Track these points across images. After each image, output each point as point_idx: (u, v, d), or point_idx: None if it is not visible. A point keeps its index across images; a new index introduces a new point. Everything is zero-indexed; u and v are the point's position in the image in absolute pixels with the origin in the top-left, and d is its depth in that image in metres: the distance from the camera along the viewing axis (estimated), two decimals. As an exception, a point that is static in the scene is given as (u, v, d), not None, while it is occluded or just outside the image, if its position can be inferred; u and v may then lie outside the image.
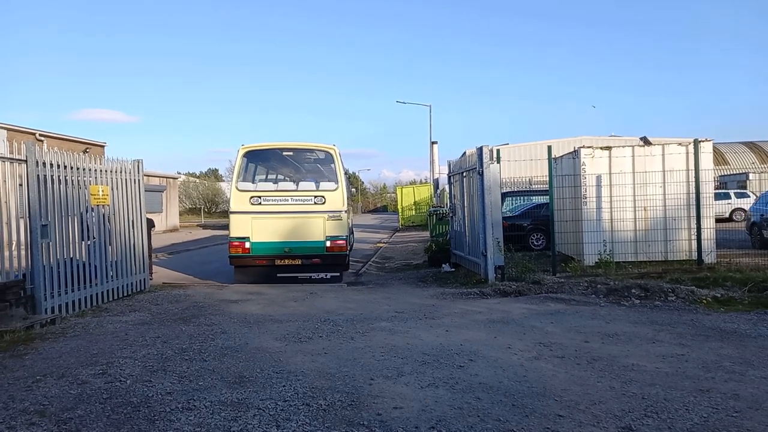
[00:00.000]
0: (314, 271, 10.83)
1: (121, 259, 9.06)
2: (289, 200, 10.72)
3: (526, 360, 5.02)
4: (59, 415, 3.84)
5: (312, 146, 11.52)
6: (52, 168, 7.50)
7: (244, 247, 10.49)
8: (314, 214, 10.69)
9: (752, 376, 4.45)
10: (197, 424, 3.65)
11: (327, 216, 10.67)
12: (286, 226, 10.64)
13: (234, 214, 10.67)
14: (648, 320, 6.59)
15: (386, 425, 3.56)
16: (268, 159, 12.01)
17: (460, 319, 6.89)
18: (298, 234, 10.62)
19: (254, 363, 5.05)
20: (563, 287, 8.73)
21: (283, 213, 10.66)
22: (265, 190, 10.96)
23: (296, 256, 10.61)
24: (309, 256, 10.62)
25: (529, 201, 17.49)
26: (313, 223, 10.67)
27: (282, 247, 10.58)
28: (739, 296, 7.61)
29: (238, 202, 10.67)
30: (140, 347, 5.71)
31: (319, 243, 10.66)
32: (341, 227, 10.79)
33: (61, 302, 7.45)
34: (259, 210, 10.60)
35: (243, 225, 10.55)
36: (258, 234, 10.54)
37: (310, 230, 10.63)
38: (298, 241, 10.60)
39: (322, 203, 10.72)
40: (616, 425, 3.50)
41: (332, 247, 10.70)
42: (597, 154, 10.84)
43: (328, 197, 10.76)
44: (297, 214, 10.69)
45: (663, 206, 10.65)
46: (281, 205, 10.69)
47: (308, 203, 10.73)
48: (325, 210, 10.71)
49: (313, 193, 10.79)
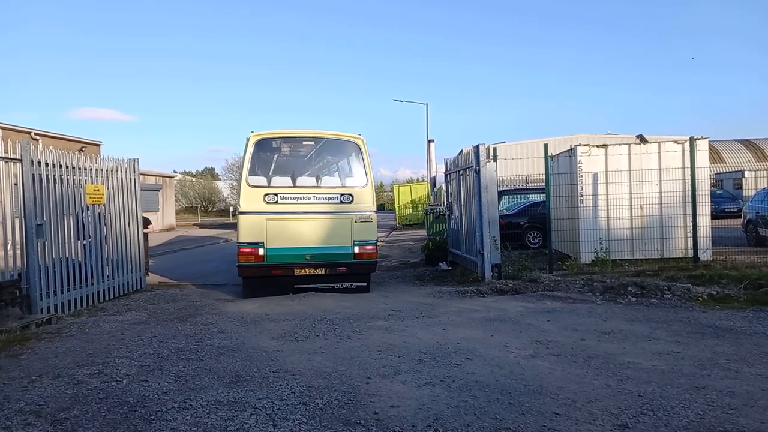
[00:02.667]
0: (338, 282, 9.31)
1: (116, 259, 9.04)
2: (311, 198, 9.14)
3: (523, 358, 5.03)
4: (55, 416, 3.83)
5: (337, 135, 9.77)
6: (48, 167, 7.47)
7: (257, 254, 8.81)
8: (340, 214, 9.18)
9: (747, 373, 4.46)
10: (194, 423, 3.64)
11: (355, 217, 9.18)
12: (307, 229, 9.08)
13: (244, 214, 8.94)
14: (644, 318, 6.61)
15: (383, 424, 3.56)
16: (285, 149, 10.25)
17: (457, 317, 6.89)
18: (322, 238, 9.09)
19: (251, 362, 5.04)
20: (560, 285, 8.75)
21: (303, 213, 9.07)
22: (282, 186, 9.18)
23: (319, 264, 9.03)
24: (334, 265, 9.07)
25: (525, 199, 17.50)
26: (339, 225, 9.15)
27: (302, 255, 8.97)
28: (734, 294, 7.64)
29: (250, 201, 8.96)
30: (136, 347, 5.70)
31: (346, 249, 9.13)
32: (371, 230, 9.32)
33: (57, 302, 7.42)
34: (276, 210, 8.95)
35: (255, 228, 8.87)
36: (274, 239, 8.87)
37: (336, 234, 9.11)
38: (321, 247, 9.05)
39: (349, 202, 9.23)
40: (613, 423, 3.51)
41: (361, 254, 9.16)
42: (593, 152, 10.85)
43: (356, 195, 9.28)
44: (320, 215, 9.14)
45: (659, 204, 10.67)
46: (302, 204, 9.09)
47: (333, 202, 9.20)
48: (353, 210, 9.21)
49: (339, 191, 9.30)
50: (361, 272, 9.35)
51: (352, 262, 9.14)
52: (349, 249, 9.12)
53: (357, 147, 9.59)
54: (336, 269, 9.10)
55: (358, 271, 9.30)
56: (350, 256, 9.12)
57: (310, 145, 9.92)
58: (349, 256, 9.12)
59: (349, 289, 9.31)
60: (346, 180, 9.66)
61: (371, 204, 9.39)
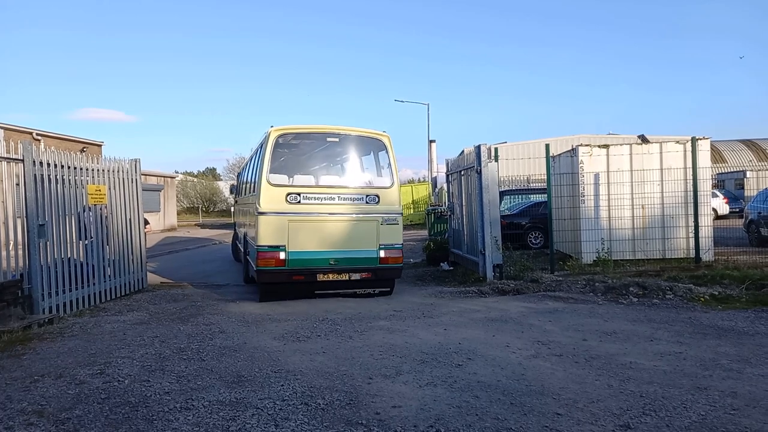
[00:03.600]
0: (361, 287, 8.94)
1: (118, 259, 9.05)
2: (336, 199, 8.63)
3: (525, 358, 5.02)
4: (57, 416, 3.83)
5: (362, 132, 9.31)
6: (49, 167, 7.48)
7: (278, 258, 8.25)
8: (366, 216, 8.69)
9: (750, 373, 4.45)
10: (195, 423, 3.65)
11: (382, 219, 8.71)
12: (331, 231, 8.58)
13: (265, 215, 8.33)
14: (646, 318, 6.60)
15: (385, 424, 3.56)
16: (307, 146, 9.71)
17: (459, 317, 6.89)
18: (346, 242, 8.59)
19: (252, 362, 5.04)
20: (561, 285, 8.74)
21: (328, 215, 8.56)
22: (305, 185, 8.63)
23: (343, 269, 8.51)
24: (358, 270, 8.59)
25: (527, 199, 17.50)
26: (364, 227, 8.67)
27: (326, 259, 8.45)
28: (736, 294, 7.63)
29: (270, 200, 8.38)
30: (138, 347, 5.70)
31: (371, 253, 8.65)
32: (397, 233, 8.88)
33: (59, 302, 7.44)
34: (298, 211, 8.40)
35: (277, 230, 8.30)
36: (296, 242, 8.33)
37: (361, 237, 8.64)
38: (345, 251, 8.54)
39: (375, 203, 8.76)
40: (615, 423, 3.51)
41: (387, 258, 8.70)
42: (595, 153, 10.84)
43: (382, 196, 8.83)
44: (345, 217, 8.65)
45: (661, 204, 10.66)
46: (325, 205, 8.56)
47: (359, 203, 8.72)
48: (379, 211, 8.74)
49: (365, 191, 8.81)
50: (386, 278, 8.93)
51: (378, 267, 8.70)
52: (374, 253, 8.66)
53: (382, 145, 9.23)
54: (360, 274, 8.62)
55: (384, 277, 8.87)
56: (375, 260, 8.68)
57: (333, 141, 9.34)
58: (374, 261, 8.67)
59: (372, 294, 8.94)
60: (372, 180, 9.25)
61: (397, 205, 9.02)
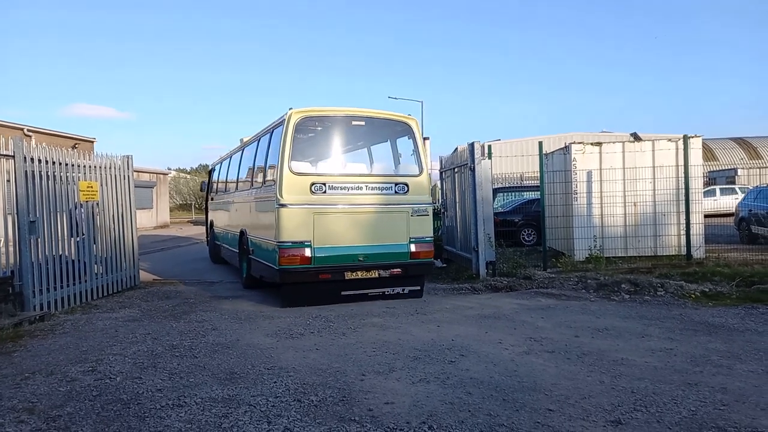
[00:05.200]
0: (391, 286, 8.13)
1: (110, 256, 9.00)
2: (363, 188, 7.86)
3: (517, 355, 5.04)
4: (48, 413, 3.81)
5: (389, 116, 8.58)
6: (41, 164, 7.42)
7: (303, 255, 7.44)
8: (396, 207, 8.00)
9: (740, 369, 4.49)
10: (188, 420, 3.64)
11: (411, 210, 8.04)
12: (359, 224, 7.84)
13: (286, 208, 7.45)
14: (637, 315, 6.64)
15: (377, 420, 3.57)
16: (330, 130, 8.64)
17: (452, 314, 6.91)
18: (375, 235, 7.86)
19: (245, 359, 5.03)
20: (554, 282, 8.78)
21: (355, 206, 7.80)
22: (330, 173, 7.84)
23: (372, 266, 7.80)
24: (388, 266, 7.88)
25: (520, 197, 17.56)
26: (394, 219, 7.98)
27: (355, 255, 7.71)
28: (727, 291, 7.68)
29: (293, 191, 7.50)
30: (130, 344, 5.68)
31: (402, 247, 7.97)
32: (428, 225, 8.24)
33: (50, 299, 7.39)
34: (324, 202, 7.62)
35: (301, 224, 7.48)
36: (322, 237, 7.55)
37: (391, 230, 7.95)
38: (375, 246, 7.83)
39: (404, 192, 8.06)
40: (606, 419, 3.53)
41: (418, 253, 8.03)
42: (588, 150, 10.89)
43: (411, 185, 8.13)
44: (374, 208, 7.91)
45: (653, 202, 10.73)
46: (353, 195, 7.79)
47: (387, 192, 7.99)
48: (408, 202, 8.05)
49: (393, 180, 8.09)
50: (417, 274, 8.26)
51: (409, 263, 8.01)
52: (405, 247, 7.99)
53: (409, 129, 8.49)
54: (390, 271, 7.91)
55: (415, 273, 8.19)
56: (406, 255, 7.99)
57: (359, 125, 8.53)
58: (405, 256, 7.99)
59: (401, 294, 8.17)
60: (399, 168, 8.55)
61: (427, 195, 8.37)
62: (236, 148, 11.63)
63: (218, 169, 13.80)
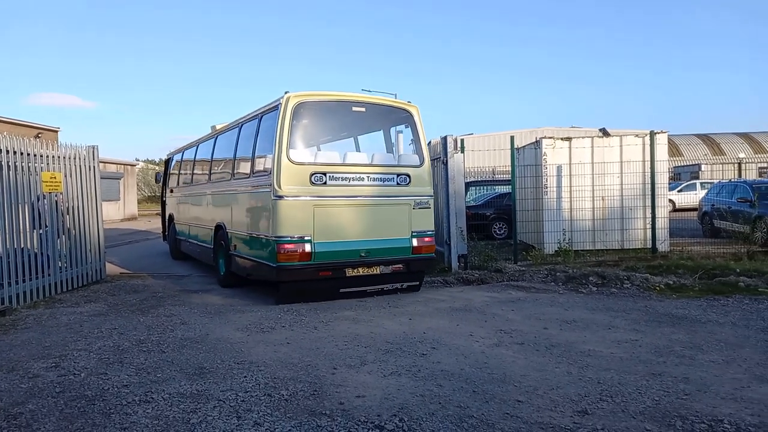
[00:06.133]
0: (391, 282, 7.80)
1: (75, 248, 8.77)
2: (365, 179, 7.48)
3: (487, 347, 5.09)
4: (9, 410, 3.70)
5: (389, 102, 8.22)
6: (1, 153, 7.17)
7: (303, 251, 6.97)
8: (398, 199, 7.66)
9: (701, 360, 4.63)
10: (155, 416, 3.57)
11: (413, 203, 7.73)
12: (361, 217, 7.47)
13: (284, 200, 6.97)
14: (604, 307, 6.78)
15: (348, 414, 3.56)
16: (329, 117, 8.26)
17: (424, 307, 6.94)
18: (377, 229, 7.50)
19: (215, 354, 4.97)
20: (524, 275, 8.89)
21: (356, 198, 7.41)
22: (330, 163, 7.37)
23: (373, 262, 7.43)
24: (390, 262, 7.55)
25: (492, 190, 17.69)
26: (395, 212, 7.65)
27: (357, 251, 7.32)
28: (690, 283, 7.90)
29: (292, 181, 7.01)
30: (95, 339, 5.55)
31: (404, 242, 7.64)
32: (429, 219, 7.93)
33: (12, 293, 7.16)
34: (324, 194, 7.19)
35: (300, 217, 7.01)
36: (323, 231, 7.11)
37: (393, 224, 7.61)
38: (377, 240, 7.46)
39: (405, 184, 7.73)
40: (573, 409, 3.59)
41: (420, 248, 7.74)
42: (558, 145, 11.03)
43: (413, 176, 7.81)
44: (375, 200, 7.54)
45: (620, 196, 10.93)
46: (354, 187, 7.39)
47: (389, 184, 7.64)
48: (410, 194, 7.74)
49: (395, 170, 7.73)
50: (418, 270, 7.98)
51: (411, 258, 7.71)
52: (407, 242, 7.66)
53: (410, 117, 8.08)
54: (391, 266, 7.58)
55: (416, 269, 7.90)
56: (408, 250, 7.67)
57: (359, 112, 7.99)
58: (407, 251, 7.66)
59: (400, 289, 7.91)
60: (401, 157, 8.13)
61: (429, 187, 8.04)
62: (206, 135, 11.00)
63: (180, 159, 13.04)
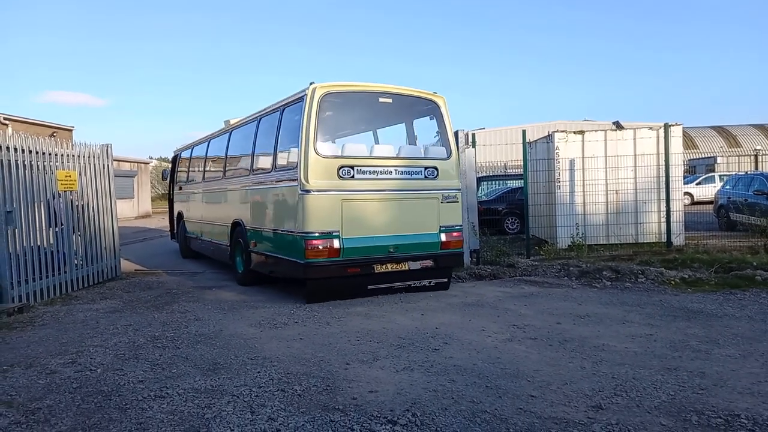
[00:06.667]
0: (418, 278, 7.56)
1: (90, 246, 8.87)
2: (393, 173, 7.25)
3: (500, 342, 5.08)
4: (27, 405, 3.76)
5: (416, 93, 7.86)
6: (17, 152, 7.27)
7: (332, 247, 6.74)
8: (426, 193, 7.44)
9: (717, 354, 4.57)
10: (170, 411, 3.61)
11: (441, 196, 7.50)
12: (389, 212, 7.23)
13: (312, 194, 6.73)
14: (618, 301, 6.73)
15: (361, 409, 3.57)
16: (355, 108, 8.02)
17: (436, 302, 6.93)
18: (406, 224, 7.27)
19: (228, 350, 5.01)
20: (537, 270, 8.85)
21: (384, 192, 7.18)
22: (358, 156, 7.13)
23: (402, 258, 7.20)
24: (419, 258, 7.33)
25: (504, 185, 17.62)
26: (424, 207, 7.41)
27: (386, 246, 7.08)
28: (705, 277, 7.81)
29: (320, 174, 6.80)
30: (111, 335, 5.62)
31: (433, 237, 7.40)
32: (457, 213, 7.72)
33: (29, 290, 7.27)
34: (353, 187, 6.97)
35: (329, 212, 6.80)
36: (351, 226, 6.89)
37: (421, 218, 7.37)
38: (406, 236, 7.23)
39: (433, 177, 7.49)
40: (587, 404, 3.57)
41: (448, 243, 7.48)
42: (570, 139, 10.95)
43: (440, 169, 7.56)
44: (404, 194, 7.31)
45: (634, 189, 10.84)
46: (381, 180, 7.17)
47: (417, 177, 7.41)
48: (438, 187, 7.51)
49: (422, 163, 7.48)
50: (447, 265, 7.76)
51: (439, 254, 7.46)
52: (435, 237, 7.42)
53: (437, 108, 7.86)
54: (420, 262, 7.35)
55: (445, 264, 7.66)
56: (437, 245, 7.42)
57: (386, 103, 7.74)
58: (435, 246, 7.42)
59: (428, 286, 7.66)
60: (427, 150, 7.82)
61: (457, 180, 7.84)
62: (219, 131, 10.81)
63: (189, 156, 12.85)
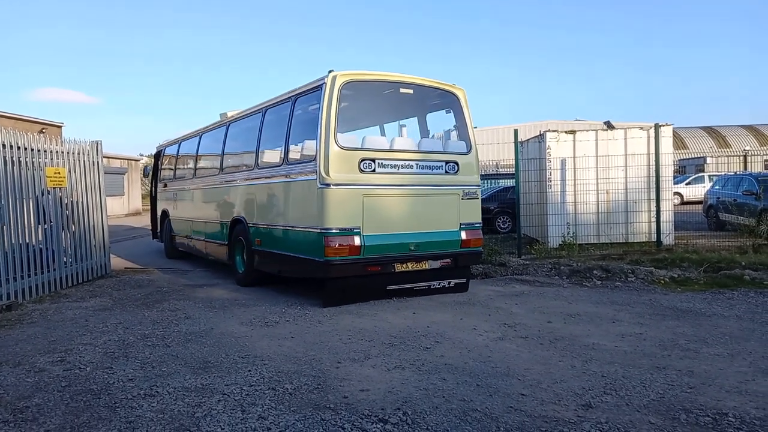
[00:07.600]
0: (437, 279, 7.26)
1: (80, 243, 8.81)
2: (414, 167, 6.94)
3: (491, 341, 5.09)
4: (15, 404, 3.73)
5: (436, 84, 7.54)
6: (5, 149, 7.19)
7: (352, 245, 6.43)
8: (446, 189, 7.16)
9: (706, 353, 4.61)
10: (160, 410, 3.59)
11: (462, 192, 7.23)
12: (409, 208, 6.95)
13: (332, 188, 6.40)
14: (609, 300, 6.77)
15: (352, 407, 3.57)
16: (375, 99, 7.70)
17: (427, 301, 6.94)
18: (427, 221, 6.99)
19: (219, 348, 4.99)
20: (528, 269, 8.88)
21: (405, 187, 6.91)
22: (379, 149, 6.81)
23: (422, 257, 6.93)
24: (439, 256, 7.06)
25: (496, 184, 17.69)
26: (445, 203, 7.15)
27: (407, 244, 6.80)
28: (695, 276, 7.87)
29: (340, 168, 6.46)
30: (101, 333, 5.58)
31: (453, 235, 7.14)
32: (477, 210, 7.44)
33: (17, 288, 7.20)
34: (373, 182, 6.65)
35: (349, 207, 6.47)
36: (372, 223, 6.59)
37: (442, 215, 7.11)
38: (427, 233, 6.95)
39: (454, 172, 7.22)
40: (577, 403, 3.59)
41: (469, 241, 7.23)
42: (562, 138, 10.99)
43: (461, 164, 7.28)
44: (425, 189, 7.04)
45: (624, 189, 10.90)
46: (402, 175, 6.87)
47: (438, 172, 7.12)
48: (459, 183, 7.25)
49: (443, 157, 7.20)
50: (466, 265, 7.54)
51: (460, 252, 7.19)
52: (456, 235, 7.15)
53: (457, 101, 7.57)
54: (440, 261, 7.09)
55: (464, 263, 7.45)
56: (457, 243, 7.15)
57: (407, 94, 7.43)
58: (455, 244, 7.15)
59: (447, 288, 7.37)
60: (448, 144, 7.55)
61: (476, 175, 7.56)
62: (213, 124, 10.37)
63: (175, 152, 12.37)
